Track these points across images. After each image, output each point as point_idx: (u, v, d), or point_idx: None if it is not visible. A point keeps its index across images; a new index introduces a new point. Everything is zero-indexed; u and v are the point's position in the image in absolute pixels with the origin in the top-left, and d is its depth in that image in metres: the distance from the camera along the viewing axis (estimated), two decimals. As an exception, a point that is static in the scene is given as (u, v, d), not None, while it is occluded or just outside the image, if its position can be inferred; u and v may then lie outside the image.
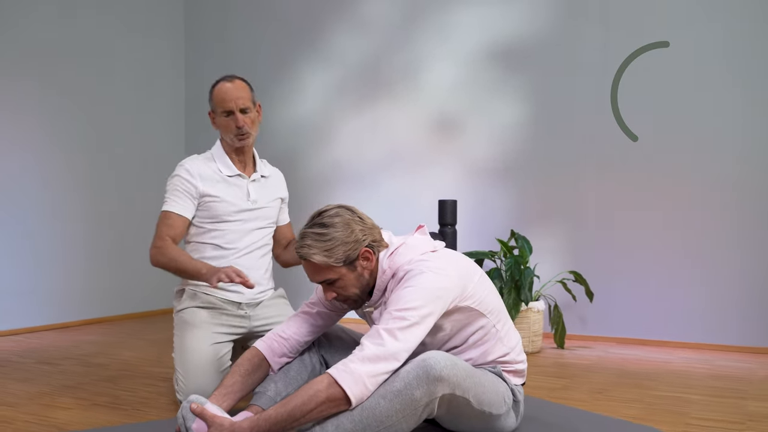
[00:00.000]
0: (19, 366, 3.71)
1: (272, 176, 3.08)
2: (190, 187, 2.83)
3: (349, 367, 2.05)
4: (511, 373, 2.42)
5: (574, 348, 4.30)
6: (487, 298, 2.34)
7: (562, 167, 4.68)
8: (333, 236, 2.22)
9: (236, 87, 2.86)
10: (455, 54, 4.99)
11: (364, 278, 2.30)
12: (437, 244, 2.41)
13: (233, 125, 2.85)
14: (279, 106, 5.66)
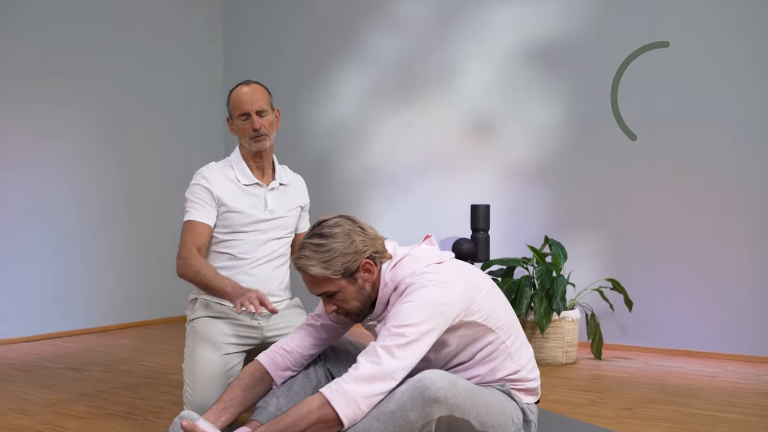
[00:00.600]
0: (46, 371, 3.75)
1: (292, 184, 3.00)
2: (209, 195, 2.78)
3: (343, 387, 1.97)
4: (522, 391, 2.28)
5: (613, 359, 4.11)
6: (496, 313, 2.22)
7: (600, 170, 4.49)
8: (332, 247, 2.13)
9: (253, 90, 2.82)
10: (490, 54, 4.85)
11: (366, 291, 2.20)
12: (444, 255, 2.29)
13: (249, 128, 2.79)
14: (315, 109, 5.61)
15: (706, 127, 4.20)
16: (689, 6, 4.23)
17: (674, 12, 4.28)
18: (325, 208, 5.50)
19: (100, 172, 5.18)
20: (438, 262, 2.23)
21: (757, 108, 4.06)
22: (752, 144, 4.08)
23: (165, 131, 5.62)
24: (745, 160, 4.10)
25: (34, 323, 4.76)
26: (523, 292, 3.83)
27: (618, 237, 4.43)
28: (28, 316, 4.73)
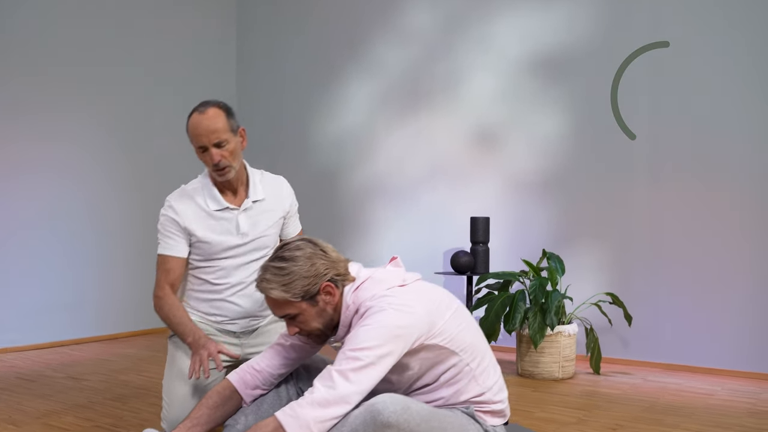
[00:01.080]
0: (46, 381, 3.83)
1: (268, 197, 2.84)
2: (177, 227, 2.70)
3: (297, 411, 1.98)
4: (488, 413, 2.27)
5: (612, 374, 4.06)
6: (460, 335, 2.21)
7: (604, 182, 4.44)
8: (291, 270, 2.14)
9: (209, 118, 2.59)
10: (495, 64, 4.82)
11: (327, 313, 2.21)
12: (408, 277, 2.29)
13: (209, 161, 2.63)
14: (324, 118, 5.64)
15: (710, 139, 4.12)
16: (695, 10, 4.17)
17: (678, 17, 4.21)
18: (334, 217, 5.54)
19: (112, 178, 5.27)
20: (400, 284, 2.23)
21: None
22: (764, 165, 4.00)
23: (177, 135, 5.68)
24: (751, 176, 4.02)
25: (43, 331, 4.86)
26: (517, 307, 3.80)
27: (621, 250, 4.38)
28: (36, 324, 4.84)
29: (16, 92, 4.79)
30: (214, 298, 2.79)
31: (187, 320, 2.67)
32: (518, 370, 4.03)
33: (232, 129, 2.65)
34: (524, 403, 3.40)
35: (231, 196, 2.77)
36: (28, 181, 4.84)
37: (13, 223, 4.77)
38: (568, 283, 4.36)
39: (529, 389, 3.70)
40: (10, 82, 4.77)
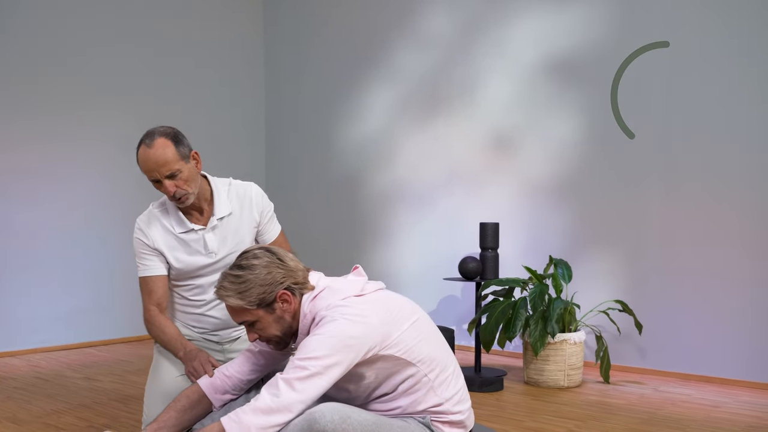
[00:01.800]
0: (61, 381, 3.99)
1: (236, 210, 2.82)
2: (150, 248, 2.75)
3: (240, 417, 2.02)
4: (446, 423, 2.26)
5: (622, 383, 3.97)
6: (418, 346, 2.20)
7: (618, 187, 4.34)
8: (247, 278, 2.18)
9: (156, 151, 2.55)
10: (511, 69, 4.78)
11: (285, 321, 2.24)
12: (368, 287, 2.30)
13: (165, 192, 2.61)
14: (346, 124, 5.69)
15: (725, 149, 3.99)
16: (708, 16, 4.04)
17: (692, 23, 4.09)
18: (354, 221, 5.58)
19: (143, 184, 5.41)
20: (357, 294, 2.24)
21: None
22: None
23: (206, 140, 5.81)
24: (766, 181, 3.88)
25: (73, 333, 5.05)
26: (518, 314, 3.76)
27: (634, 257, 4.27)
28: (66, 326, 5.03)
29: (53, 97, 5.01)
30: (194, 312, 2.84)
31: (176, 336, 2.70)
32: (524, 378, 3.98)
33: (183, 157, 2.60)
34: (518, 412, 3.36)
35: (197, 216, 2.76)
36: (60, 186, 5.04)
37: (45, 227, 4.98)
38: (578, 290, 4.28)
39: (530, 398, 3.65)
40: (48, 88, 4.99)
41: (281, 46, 6.18)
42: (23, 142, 4.92)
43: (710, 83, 4.03)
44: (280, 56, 6.18)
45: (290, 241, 3.10)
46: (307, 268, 2.31)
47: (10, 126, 4.89)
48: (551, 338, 3.76)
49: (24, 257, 4.90)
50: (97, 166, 5.23)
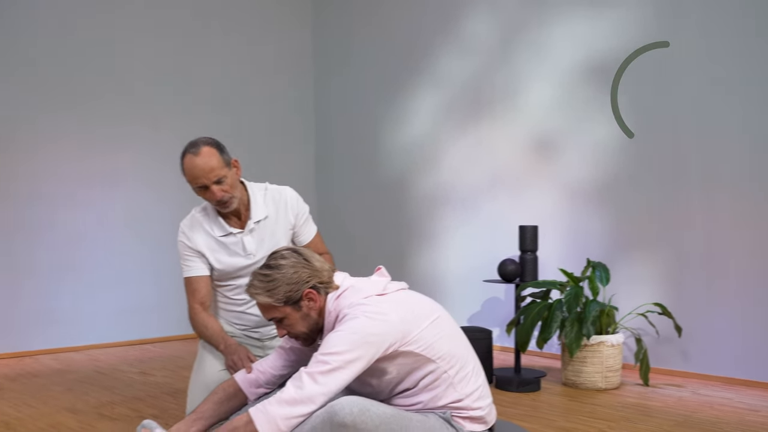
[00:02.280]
0: (118, 375, 4.21)
1: (272, 214, 2.96)
2: (192, 250, 2.93)
3: (267, 408, 2.15)
4: (467, 419, 2.34)
5: (663, 386, 3.97)
6: (438, 344, 2.29)
7: (659, 189, 4.33)
8: (275, 277, 2.31)
9: (204, 159, 2.72)
10: (551, 73, 4.81)
11: (311, 318, 2.37)
12: (390, 287, 2.41)
13: (211, 198, 2.78)
14: (391, 129, 5.80)
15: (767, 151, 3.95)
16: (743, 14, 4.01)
17: (724, 19, 4.06)
18: (401, 224, 5.69)
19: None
20: (379, 293, 2.36)
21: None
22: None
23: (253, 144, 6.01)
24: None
25: (130, 329, 5.31)
26: (553, 316, 3.80)
27: (676, 261, 4.26)
28: (124, 323, 5.29)
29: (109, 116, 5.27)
30: (235, 310, 3.01)
31: (218, 331, 2.88)
32: (562, 380, 4.02)
33: (227, 164, 2.76)
34: (552, 412, 3.41)
35: (235, 220, 2.93)
36: (118, 192, 5.31)
37: (105, 230, 5.25)
38: (616, 293, 4.29)
39: (566, 398, 3.69)
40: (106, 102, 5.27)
41: (330, 53, 6.34)
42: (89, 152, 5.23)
43: (751, 84, 3.99)
44: (329, 63, 6.34)
45: (336, 243, 3.23)
46: (332, 269, 2.44)
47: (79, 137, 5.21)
48: (587, 340, 3.79)
49: (86, 259, 5.18)
50: (152, 173, 5.48)
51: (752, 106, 3.99)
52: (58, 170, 5.11)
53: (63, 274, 5.08)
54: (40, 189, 5.03)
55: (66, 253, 5.10)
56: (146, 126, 5.48)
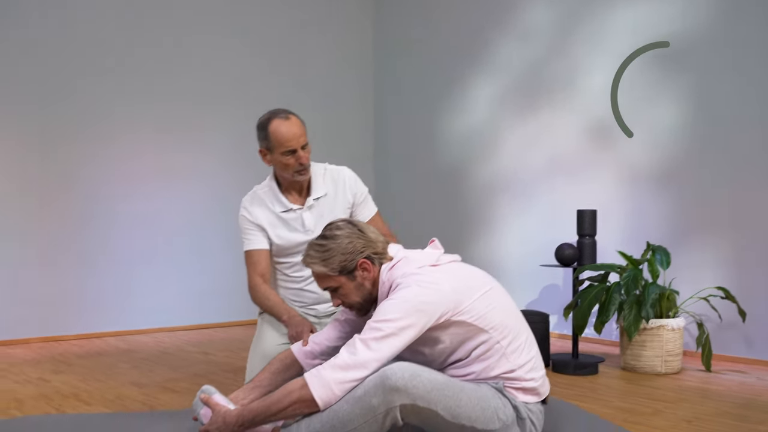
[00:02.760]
0: (181, 355, 4.35)
1: (330, 192, 3.07)
2: (254, 224, 3.02)
3: (321, 373, 2.20)
4: (519, 390, 2.34)
5: (726, 372, 3.88)
6: (490, 314, 2.30)
7: (722, 173, 4.23)
8: (330, 247, 2.37)
9: (295, 124, 2.88)
10: (610, 58, 4.75)
11: (365, 288, 2.41)
12: (443, 258, 2.43)
13: (295, 163, 2.88)
14: (450, 118, 5.82)
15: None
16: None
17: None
18: (459, 212, 5.71)
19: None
20: (433, 264, 2.38)
21: None
22: None
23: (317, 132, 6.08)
24: None
25: (194, 314, 5.47)
26: (611, 298, 3.76)
27: (741, 245, 4.15)
28: (189, 308, 5.45)
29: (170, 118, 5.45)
30: (294, 287, 3.08)
31: (280, 302, 2.95)
32: (621, 364, 3.97)
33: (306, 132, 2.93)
34: (608, 393, 3.38)
35: (296, 196, 3.02)
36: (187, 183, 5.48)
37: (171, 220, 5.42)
38: (676, 277, 4.21)
39: (624, 381, 3.65)
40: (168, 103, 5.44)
41: (390, 43, 6.39)
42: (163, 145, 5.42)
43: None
44: (389, 53, 6.39)
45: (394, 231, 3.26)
46: (386, 241, 2.47)
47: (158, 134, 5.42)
48: (646, 323, 3.73)
49: (153, 247, 5.36)
50: (217, 164, 5.62)
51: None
52: (131, 161, 5.30)
53: (132, 261, 5.26)
54: (112, 178, 5.22)
55: (135, 242, 5.28)
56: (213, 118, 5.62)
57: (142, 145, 5.35)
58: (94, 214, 5.15)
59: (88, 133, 5.16)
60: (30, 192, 4.94)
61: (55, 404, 3.14)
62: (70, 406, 3.10)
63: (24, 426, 2.72)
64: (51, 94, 5.03)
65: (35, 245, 4.93)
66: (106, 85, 5.23)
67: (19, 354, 4.43)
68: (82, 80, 5.14)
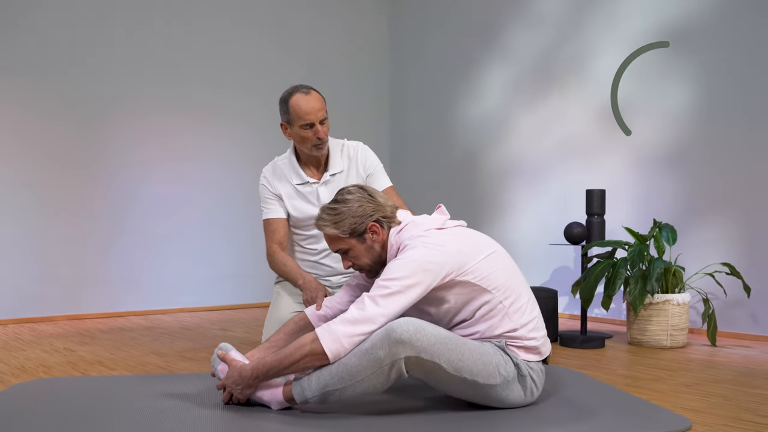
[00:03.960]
0: (201, 331, 4.51)
1: (346, 168, 3.17)
2: (272, 193, 3.16)
3: (331, 328, 2.33)
4: (521, 348, 2.45)
5: (731, 347, 3.96)
6: (493, 275, 2.42)
7: (733, 155, 4.31)
8: (341, 211, 2.49)
9: (315, 98, 2.98)
10: (623, 41, 4.83)
11: (375, 250, 2.53)
12: (449, 223, 2.55)
13: (313, 137, 2.99)
14: (464, 103, 5.92)
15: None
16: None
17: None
18: (474, 198, 5.81)
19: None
20: (439, 227, 2.50)
21: None
22: None
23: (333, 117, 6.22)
24: None
25: (215, 295, 5.63)
26: (617, 273, 3.85)
27: (747, 224, 4.22)
28: (210, 289, 5.61)
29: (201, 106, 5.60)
30: (309, 260, 3.22)
31: (296, 268, 3.08)
32: (628, 339, 4.06)
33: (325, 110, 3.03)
34: (614, 364, 3.47)
35: (313, 171, 3.16)
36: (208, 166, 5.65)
37: (193, 202, 5.58)
38: (683, 253, 4.29)
39: (629, 354, 3.74)
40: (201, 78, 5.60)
41: (405, 29, 6.51)
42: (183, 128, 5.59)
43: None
44: (404, 38, 6.51)
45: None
46: (395, 206, 2.60)
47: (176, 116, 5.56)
48: (651, 297, 3.82)
49: (178, 229, 5.53)
50: (236, 148, 5.78)
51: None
52: (153, 143, 5.47)
53: (154, 242, 5.43)
54: (135, 160, 5.39)
55: (157, 224, 5.45)
56: (230, 104, 5.77)
57: (163, 127, 5.52)
58: (118, 196, 5.32)
59: (110, 113, 5.32)
60: (55, 173, 5.11)
61: (81, 369, 3.29)
62: (95, 371, 3.25)
63: (52, 386, 2.87)
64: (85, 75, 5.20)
65: (61, 225, 5.11)
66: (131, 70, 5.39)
67: (45, 329, 4.61)
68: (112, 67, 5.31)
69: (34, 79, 5.06)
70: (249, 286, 5.75)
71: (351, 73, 6.40)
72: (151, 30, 5.49)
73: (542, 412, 2.44)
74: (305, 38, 6.17)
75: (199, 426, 2.25)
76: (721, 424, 2.39)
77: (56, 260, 5.08)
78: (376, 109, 6.58)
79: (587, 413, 2.44)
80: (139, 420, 2.32)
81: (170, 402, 2.55)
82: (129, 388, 2.79)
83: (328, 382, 2.34)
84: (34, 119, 5.06)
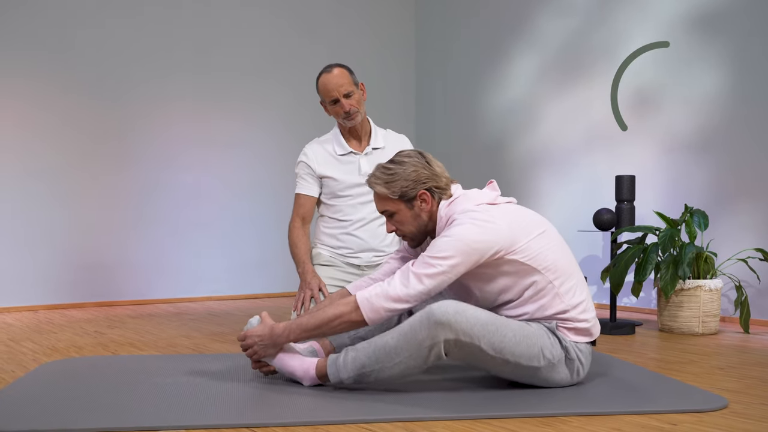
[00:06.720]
0: (227, 317, 4.55)
1: (388, 146, 3.31)
2: (310, 170, 3.27)
3: (372, 300, 2.32)
4: (572, 330, 2.40)
5: (764, 333, 3.89)
6: (543, 254, 2.37)
7: (763, 139, 4.24)
8: (396, 172, 2.45)
9: (336, 75, 3.15)
10: (652, 28, 4.77)
11: (422, 219, 2.48)
12: (500, 199, 2.50)
13: (340, 110, 3.17)
14: (491, 92, 5.89)
15: None
16: None
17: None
18: (501, 186, 5.65)
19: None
20: (490, 203, 2.46)
21: None
22: None
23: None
24: None
25: (242, 284, 5.66)
26: (648, 258, 3.81)
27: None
28: (237, 278, 5.64)
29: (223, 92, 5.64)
30: (341, 232, 3.26)
31: (303, 252, 3.19)
32: (659, 326, 4.01)
33: (355, 83, 3.21)
34: (645, 349, 3.43)
35: (356, 143, 3.31)
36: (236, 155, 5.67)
37: (222, 191, 5.61)
38: (714, 239, 4.23)
39: (660, 340, 3.70)
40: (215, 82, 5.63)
41: (431, 17, 6.49)
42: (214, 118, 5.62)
43: None
44: (430, 32, 6.49)
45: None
46: (451, 179, 2.54)
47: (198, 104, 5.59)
48: (683, 282, 3.77)
49: (206, 217, 5.56)
50: (265, 136, 5.80)
51: None
52: (180, 131, 5.49)
53: (182, 230, 5.47)
54: (163, 148, 5.42)
55: (185, 212, 5.48)
56: (258, 91, 5.80)
57: (193, 115, 5.54)
58: (147, 184, 5.36)
59: (138, 102, 5.35)
60: (84, 164, 5.16)
61: (111, 350, 3.32)
62: (125, 352, 3.27)
63: (84, 363, 2.89)
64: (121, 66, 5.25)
65: (90, 213, 5.15)
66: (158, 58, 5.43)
67: (75, 315, 4.66)
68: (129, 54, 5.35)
69: (64, 66, 5.11)
70: (276, 275, 5.76)
71: (377, 60, 6.38)
72: (179, 19, 5.52)
73: (583, 390, 2.40)
74: (332, 26, 6.17)
75: (231, 400, 2.26)
76: (759, 403, 2.35)
77: (84, 247, 5.13)
78: (402, 97, 6.57)
79: (627, 391, 2.42)
80: (172, 393, 2.33)
81: (202, 379, 2.56)
82: (160, 365, 2.81)
83: (365, 363, 2.32)
84: (62, 109, 5.10)
